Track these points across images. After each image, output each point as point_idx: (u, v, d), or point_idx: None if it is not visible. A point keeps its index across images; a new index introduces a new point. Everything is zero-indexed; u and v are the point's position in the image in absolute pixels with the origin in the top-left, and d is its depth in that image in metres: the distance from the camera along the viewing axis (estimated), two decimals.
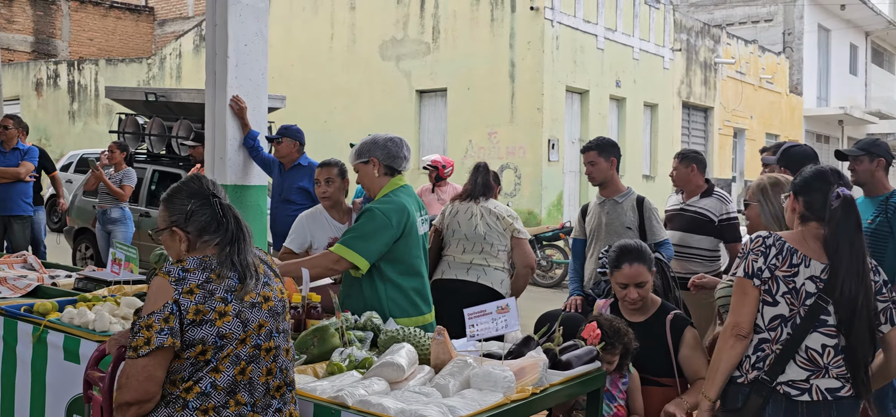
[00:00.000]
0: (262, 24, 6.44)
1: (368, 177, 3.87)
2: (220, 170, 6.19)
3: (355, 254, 3.68)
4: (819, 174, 3.06)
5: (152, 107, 10.77)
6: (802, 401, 2.86)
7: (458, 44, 17.17)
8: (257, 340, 2.38)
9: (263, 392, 2.40)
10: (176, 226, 2.44)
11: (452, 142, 17.23)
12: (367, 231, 3.71)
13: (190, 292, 2.30)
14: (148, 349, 2.24)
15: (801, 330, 2.87)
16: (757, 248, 2.97)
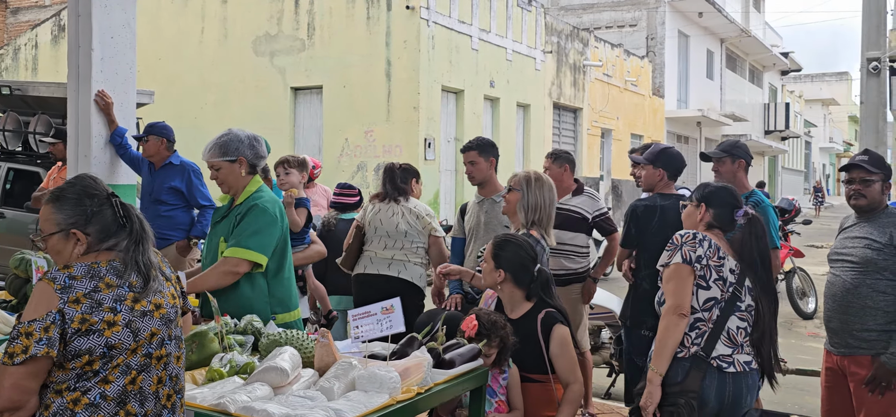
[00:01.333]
0: (130, 15, 6.18)
1: (234, 176, 3.83)
2: (84, 168, 5.90)
3: (254, 253, 3.65)
4: (726, 191, 3.64)
5: (7, 100, 10.12)
6: (730, 373, 3.35)
7: (334, 41, 17.03)
8: (148, 349, 2.31)
9: (154, 401, 2.32)
10: (75, 228, 2.30)
11: (328, 140, 17.07)
12: (260, 227, 3.68)
13: (76, 301, 2.20)
14: (24, 357, 2.14)
15: (725, 312, 3.39)
16: (690, 242, 3.43)
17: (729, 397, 3.36)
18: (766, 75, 41.67)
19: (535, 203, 4.23)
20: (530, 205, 4.21)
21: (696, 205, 3.63)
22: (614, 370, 6.57)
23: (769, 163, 42.27)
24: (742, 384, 3.38)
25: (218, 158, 3.79)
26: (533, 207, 4.21)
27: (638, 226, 4.88)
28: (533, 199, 4.25)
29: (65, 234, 2.31)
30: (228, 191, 3.89)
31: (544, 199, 4.27)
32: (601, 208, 5.63)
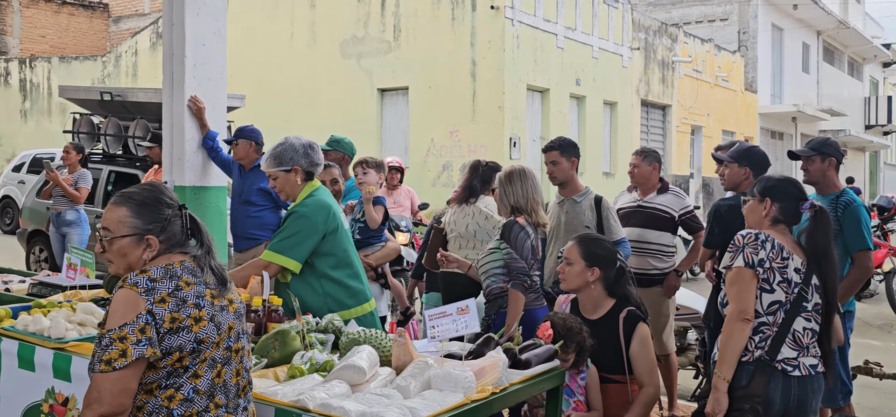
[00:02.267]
0: (221, 22, 6.36)
1: (290, 184, 3.93)
2: (178, 171, 6.12)
3: (285, 258, 3.76)
4: (790, 183, 3.48)
5: (108, 106, 10.59)
6: (795, 376, 3.25)
7: (420, 42, 17.19)
8: (228, 342, 2.39)
9: (235, 392, 2.41)
10: (151, 235, 2.37)
11: (414, 140, 17.24)
12: (294, 233, 3.77)
13: (162, 301, 2.26)
14: (125, 361, 2.18)
15: (791, 314, 3.26)
16: (752, 244, 3.28)
17: (794, 401, 3.25)
18: (867, 68, 39.98)
19: (511, 193, 4.35)
20: (507, 196, 4.34)
21: (760, 199, 3.44)
22: (700, 372, 6.44)
23: (870, 159, 40.55)
24: (808, 387, 3.27)
25: (274, 168, 3.89)
26: (511, 196, 4.33)
27: (721, 226, 4.78)
28: (509, 190, 4.36)
29: (138, 239, 2.36)
30: (287, 199, 4.01)
31: (519, 189, 4.35)
32: (687, 206, 5.56)
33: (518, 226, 4.24)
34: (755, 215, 3.46)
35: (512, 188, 4.34)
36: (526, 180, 4.38)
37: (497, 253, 4.25)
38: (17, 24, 27.65)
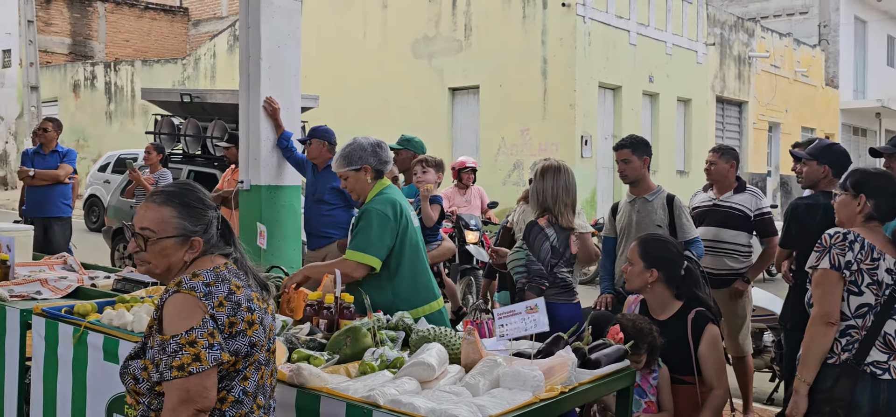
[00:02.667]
0: (295, 25, 6.49)
1: (360, 183, 3.98)
2: (254, 170, 6.27)
3: (367, 256, 3.80)
4: (886, 178, 3.37)
5: (187, 107, 10.91)
6: (884, 380, 3.16)
7: (491, 41, 17.19)
8: (268, 344, 2.41)
9: (270, 392, 2.45)
10: (197, 236, 2.35)
11: (485, 139, 17.26)
12: (371, 231, 3.81)
13: (220, 305, 2.25)
14: (200, 366, 2.17)
15: (881, 316, 3.16)
16: (839, 244, 3.19)
17: (883, 404, 3.16)
18: None
19: (541, 190, 4.32)
20: (536, 193, 4.33)
21: (853, 194, 3.30)
22: (776, 375, 6.29)
23: None
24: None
25: (344, 168, 3.95)
26: (540, 193, 4.31)
27: (799, 225, 4.66)
28: (539, 187, 4.34)
29: (183, 240, 2.33)
30: (357, 198, 4.06)
31: (551, 186, 4.33)
32: (763, 207, 5.43)
33: (537, 228, 4.28)
34: (847, 210, 3.32)
35: (542, 185, 4.33)
36: (559, 179, 4.35)
37: (520, 253, 4.33)
38: (103, 29, 28.68)
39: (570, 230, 4.36)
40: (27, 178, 8.34)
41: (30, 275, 4.63)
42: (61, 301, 4.12)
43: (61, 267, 5.12)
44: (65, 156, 8.42)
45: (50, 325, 3.51)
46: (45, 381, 3.53)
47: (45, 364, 3.52)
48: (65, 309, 3.58)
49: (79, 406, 3.38)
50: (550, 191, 4.31)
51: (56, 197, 8.34)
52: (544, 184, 4.32)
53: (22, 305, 3.84)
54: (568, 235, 4.35)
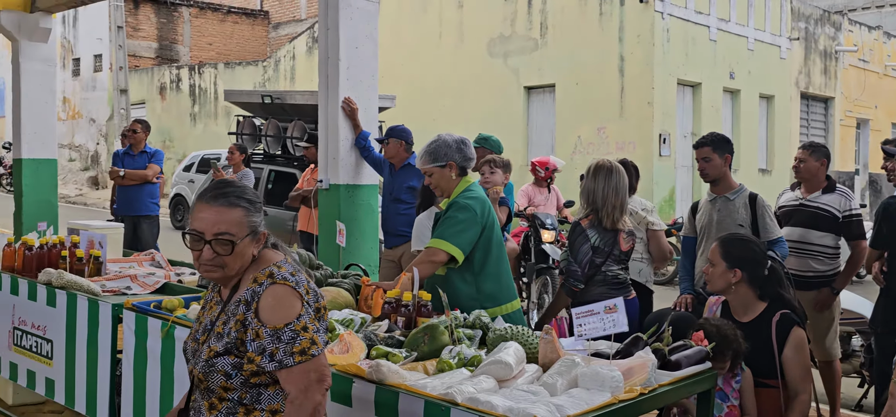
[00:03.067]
0: (372, 26, 6.57)
1: (445, 180, 4.00)
2: (332, 169, 6.36)
3: (451, 245, 3.81)
4: None
5: (268, 108, 11.14)
6: None
7: (567, 39, 17.06)
8: None
9: None
10: (262, 229, 2.40)
11: (561, 138, 17.14)
12: (458, 222, 3.83)
13: (307, 292, 2.34)
14: (317, 349, 2.27)
15: None
16: None
17: None
18: None
19: (591, 189, 4.31)
20: (585, 192, 4.34)
21: None
22: (865, 380, 6.07)
23: None
24: None
25: (429, 164, 3.98)
26: (590, 193, 4.32)
27: (890, 225, 4.50)
28: (590, 186, 4.34)
29: (254, 236, 2.37)
30: (441, 195, 4.08)
31: (601, 187, 4.31)
32: (852, 208, 5.23)
33: (579, 229, 4.34)
34: None
35: (593, 185, 4.32)
36: (610, 179, 4.32)
37: (565, 253, 4.49)
38: (188, 33, 29.54)
39: (617, 231, 4.35)
40: (118, 178, 8.66)
41: (120, 271, 4.82)
42: (150, 296, 4.28)
43: (149, 264, 5.31)
44: (153, 156, 8.71)
45: (140, 319, 3.64)
46: (135, 372, 3.66)
47: (135, 356, 3.66)
48: (154, 304, 3.72)
49: (166, 397, 3.50)
50: (600, 191, 4.31)
51: (144, 196, 8.64)
52: (595, 184, 4.32)
53: (114, 300, 3.99)
54: (616, 235, 4.34)
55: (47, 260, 4.62)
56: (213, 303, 2.49)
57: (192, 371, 2.42)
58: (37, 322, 4.34)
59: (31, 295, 4.39)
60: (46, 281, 4.30)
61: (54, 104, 9.39)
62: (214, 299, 2.50)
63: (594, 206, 4.32)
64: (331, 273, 4.24)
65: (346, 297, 3.83)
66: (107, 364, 3.88)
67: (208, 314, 2.47)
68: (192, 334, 2.48)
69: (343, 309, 3.65)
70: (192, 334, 2.48)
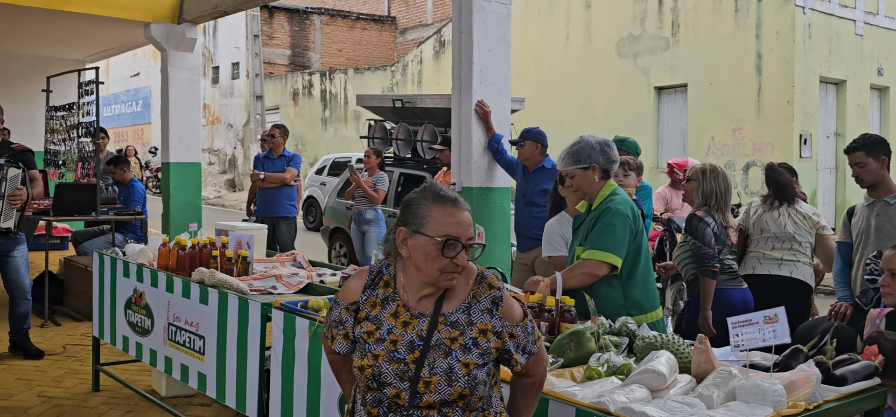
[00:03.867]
0: (505, 29, 6.57)
1: (587, 182, 3.91)
2: (465, 172, 6.39)
3: (609, 255, 3.74)
4: None
5: (399, 112, 11.31)
6: None
7: (700, 37, 16.54)
8: None
9: None
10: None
11: (693, 139, 16.63)
12: (615, 230, 3.73)
13: None
14: None
15: None
16: None
17: None
18: None
19: (710, 190, 4.70)
20: (705, 192, 4.70)
21: None
22: None
23: None
24: None
25: (572, 166, 3.89)
26: (708, 194, 4.70)
27: None
28: (708, 187, 4.70)
29: None
30: (584, 198, 3.99)
31: (718, 187, 4.71)
32: None
33: (697, 219, 4.65)
34: None
35: (714, 184, 4.69)
36: (718, 180, 4.73)
37: (685, 246, 4.73)
38: (319, 40, 30.46)
39: (726, 225, 4.71)
40: (258, 181, 8.98)
41: (266, 271, 4.97)
42: (295, 296, 4.40)
43: (291, 264, 5.46)
44: (291, 160, 8.99)
45: (288, 319, 3.74)
46: (283, 370, 3.76)
47: (283, 354, 3.76)
48: (300, 303, 3.81)
49: (313, 395, 3.57)
50: (720, 189, 4.69)
51: (283, 198, 8.92)
52: (715, 184, 4.69)
53: (262, 299, 4.12)
54: (726, 227, 4.72)
55: (199, 259, 4.83)
56: (395, 317, 2.31)
57: (397, 394, 2.25)
58: (190, 318, 4.54)
59: (184, 292, 4.60)
60: (199, 279, 4.49)
61: (199, 110, 9.85)
62: (397, 313, 2.31)
63: (710, 202, 4.68)
64: None
65: None
66: (256, 361, 4.01)
67: (403, 330, 2.28)
68: (386, 354, 2.26)
69: None
70: (386, 354, 2.26)
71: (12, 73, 12.97)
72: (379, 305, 2.34)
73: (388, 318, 2.31)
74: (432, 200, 2.29)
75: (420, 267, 2.27)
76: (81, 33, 11.22)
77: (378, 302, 2.35)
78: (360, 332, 2.33)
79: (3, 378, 6.09)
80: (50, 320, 7.91)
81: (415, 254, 2.27)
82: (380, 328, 2.30)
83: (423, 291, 2.31)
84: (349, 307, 2.38)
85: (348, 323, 2.38)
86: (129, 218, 8.94)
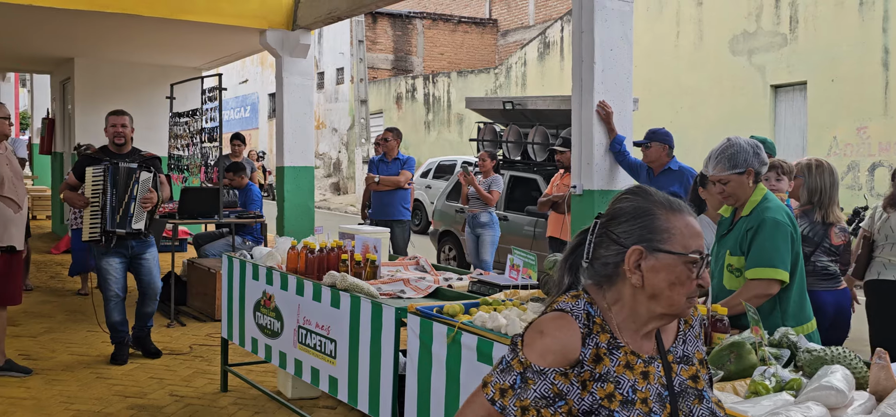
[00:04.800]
0: (627, 27, 6.39)
1: (742, 188, 3.69)
2: (586, 175, 6.24)
3: (778, 271, 3.57)
4: None
5: (508, 115, 11.20)
6: None
7: (820, 32, 15.80)
8: None
9: None
10: None
11: (813, 139, 15.90)
12: (776, 242, 3.53)
13: None
14: None
15: None
16: None
17: None
18: None
19: (815, 186, 4.73)
20: (810, 189, 4.74)
21: None
22: None
23: None
24: None
25: (727, 172, 3.66)
26: (812, 190, 4.74)
27: None
28: (813, 183, 4.74)
29: None
30: (734, 203, 3.78)
31: (824, 183, 4.73)
32: None
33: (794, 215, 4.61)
34: None
35: (811, 177, 4.73)
36: (823, 174, 4.73)
37: None
38: (421, 44, 30.70)
39: (829, 224, 4.68)
40: (372, 184, 9.04)
41: (392, 275, 4.95)
42: (425, 301, 4.34)
43: (414, 268, 5.43)
44: (405, 163, 9.02)
45: (424, 324, 3.68)
46: (419, 376, 3.71)
47: (419, 360, 3.71)
48: (435, 309, 3.74)
49: (452, 403, 3.50)
50: (826, 186, 4.70)
51: (397, 201, 8.95)
52: (821, 180, 4.72)
53: (396, 303, 4.08)
54: (827, 228, 4.68)
55: (327, 262, 4.84)
56: (629, 368, 1.81)
57: None
58: (321, 322, 4.55)
59: (315, 295, 4.61)
60: (331, 283, 4.50)
61: (312, 115, 9.99)
62: (629, 364, 1.82)
63: (815, 199, 4.69)
64: None
65: None
66: (390, 366, 3.97)
67: (646, 383, 1.82)
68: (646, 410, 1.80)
69: None
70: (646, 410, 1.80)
71: (137, 81, 13.51)
72: (606, 357, 1.81)
73: (623, 372, 1.80)
74: (667, 208, 1.85)
75: (659, 294, 1.81)
76: (200, 41, 11.58)
77: (603, 354, 1.81)
78: (592, 401, 1.77)
79: (136, 376, 6.29)
80: (175, 320, 8.15)
81: (654, 280, 1.81)
82: (620, 387, 1.79)
83: (647, 327, 1.86)
84: (568, 371, 1.78)
85: (572, 394, 1.77)
86: (249, 221, 9.14)
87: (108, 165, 6.54)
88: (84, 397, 5.72)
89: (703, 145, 16.97)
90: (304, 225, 9.75)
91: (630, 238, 1.83)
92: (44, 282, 10.36)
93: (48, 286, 10.15)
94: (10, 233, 5.95)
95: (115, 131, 6.63)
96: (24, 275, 9.77)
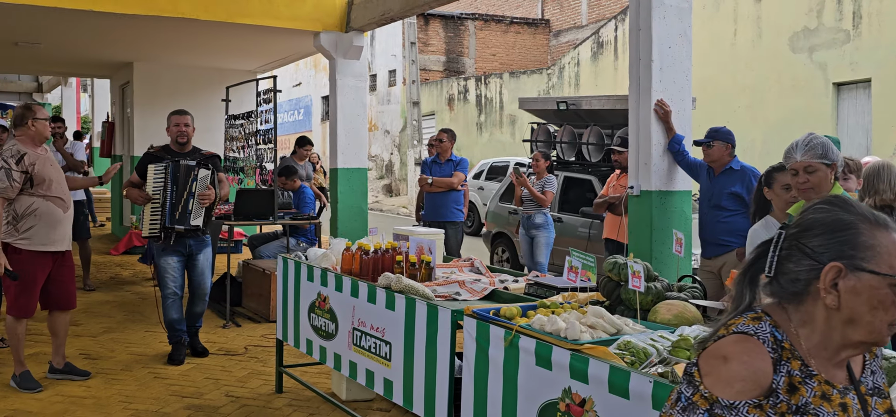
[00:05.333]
0: (686, 24, 6.26)
1: (825, 180, 3.73)
2: (644, 175, 6.11)
3: None
4: None
5: (563, 115, 11.06)
6: None
7: (886, 28, 15.33)
8: None
9: None
10: None
11: (878, 139, 15.43)
12: None
13: None
14: None
15: None
16: None
17: None
18: None
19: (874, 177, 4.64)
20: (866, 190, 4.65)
21: None
22: None
23: None
24: None
25: (818, 160, 3.70)
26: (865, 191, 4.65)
27: None
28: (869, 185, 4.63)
29: None
30: (812, 197, 3.75)
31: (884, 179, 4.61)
32: None
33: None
34: None
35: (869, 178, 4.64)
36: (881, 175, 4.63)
37: None
38: (473, 45, 30.63)
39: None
40: (426, 185, 9.01)
41: (447, 277, 4.89)
42: (480, 303, 4.28)
43: (469, 269, 5.36)
44: (458, 164, 8.96)
45: (481, 327, 3.61)
46: (475, 379, 3.64)
47: (476, 363, 3.64)
48: (492, 311, 3.67)
49: (509, 407, 3.43)
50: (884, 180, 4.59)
51: (450, 203, 8.90)
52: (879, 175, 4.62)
53: (452, 306, 4.02)
54: None
55: (382, 264, 4.81)
56: (826, 400, 1.61)
57: None
58: (376, 324, 4.52)
59: (370, 297, 4.58)
60: (386, 284, 4.46)
61: (365, 117, 10.01)
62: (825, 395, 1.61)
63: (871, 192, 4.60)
64: (668, 284, 3.97)
65: (694, 312, 3.55)
66: (445, 369, 3.91)
67: (852, 415, 1.65)
68: None
69: (693, 324, 3.38)
70: None
71: (194, 84, 13.70)
72: (801, 386, 1.60)
73: (821, 403, 1.60)
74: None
75: (858, 319, 1.60)
76: (255, 44, 11.69)
77: (798, 383, 1.60)
78: None
79: (192, 376, 6.34)
80: (231, 321, 8.22)
81: (853, 302, 1.60)
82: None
83: (840, 355, 1.66)
84: (763, 402, 1.56)
85: None
86: (303, 223, 9.18)
87: (168, 163, 6.64)
88: (142, 397, 5.79)
89: (761, 145, 16.59)
90: (357, 226, 9.77)
91: (827, 253, 1.62)
92: (103, 282, 10.56)
93: (108, 286, 10.35)
94: (60, 233, 5.95)
95: (179, 130, 6.73)
96: (86, 275, 9.97)
